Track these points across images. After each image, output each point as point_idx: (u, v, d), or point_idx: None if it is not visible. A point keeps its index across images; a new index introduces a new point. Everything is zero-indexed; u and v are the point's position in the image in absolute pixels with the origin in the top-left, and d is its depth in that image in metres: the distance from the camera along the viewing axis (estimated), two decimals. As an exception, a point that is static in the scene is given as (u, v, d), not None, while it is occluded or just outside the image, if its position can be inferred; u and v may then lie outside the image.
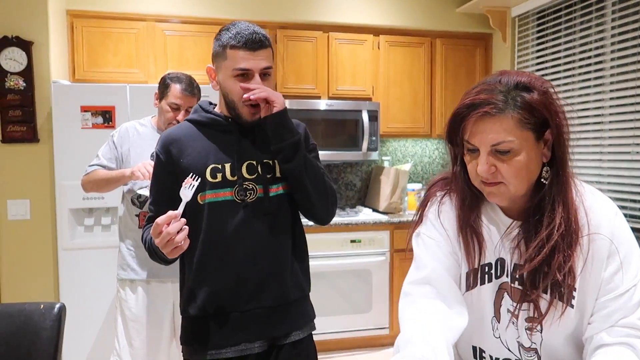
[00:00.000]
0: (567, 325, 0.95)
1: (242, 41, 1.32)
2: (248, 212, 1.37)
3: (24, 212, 2.81)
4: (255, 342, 1.39)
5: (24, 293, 2.83)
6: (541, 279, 0.93)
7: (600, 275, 0.94)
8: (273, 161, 1.42)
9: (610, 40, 2.90)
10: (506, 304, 0.98)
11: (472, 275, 1.00)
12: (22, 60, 2.77)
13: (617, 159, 2.87)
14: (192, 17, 3.30)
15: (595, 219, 0.95)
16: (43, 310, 1.35)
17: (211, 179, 1.37)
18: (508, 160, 0.90)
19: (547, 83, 0.94)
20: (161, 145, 1.42)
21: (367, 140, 3.50)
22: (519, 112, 0.89)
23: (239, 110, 1.37)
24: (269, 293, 1.39)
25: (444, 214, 1.04)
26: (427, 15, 3.73)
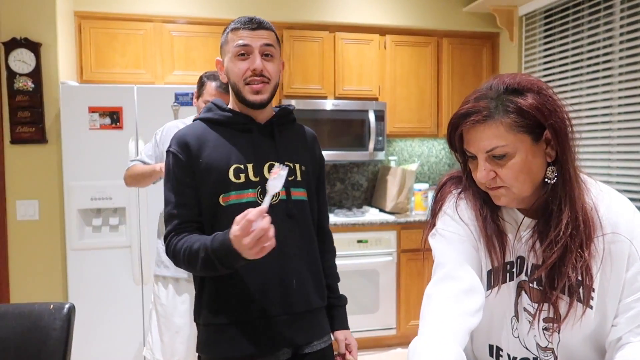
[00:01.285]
0: (586, 327, 0.94)
1: (242, 22, 1.34)
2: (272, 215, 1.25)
3: (32, 212, 2.83)
4: (281, 350, 1.34)
5: (33, 293, 2.85)
6: (558, 280, 0.92)
7: (622, 277, 0.92)
8: (294, 164, 1.38)
9: (618, 39, 2.87)
10: (523, 302, 0.98)
11: (494, 273, 0.99)
12: (31, 61, 2.79)
13: (626, 159, 2.85)
14: (199, 17, 3.31)
15: (612, 219, 0.94)
16: (52, 311, 1.35)
17: (235, 180, 1.31)
18: (505, 164, 0.91)
19: (540, 83, 0.93)
20: (177, 144, 1.34)
21: (374, 140, 3.49)
22: (510, 116, 0.89)
23: (242, 91, 1.33)
24: (294, 299, 1.34)
25: (462, 209, 1.03)
26: (433, 15, 3.72)
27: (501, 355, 1.04)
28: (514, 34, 3.64)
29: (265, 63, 1.32)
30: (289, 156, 1.38)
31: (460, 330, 0.88)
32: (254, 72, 1.31)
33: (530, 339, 0.99)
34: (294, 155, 1.40)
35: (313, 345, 1.39)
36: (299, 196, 1.38)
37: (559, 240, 0.91)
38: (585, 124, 3.12)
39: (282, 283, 1.33)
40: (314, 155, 1.48)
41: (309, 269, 1.39)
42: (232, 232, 1.13)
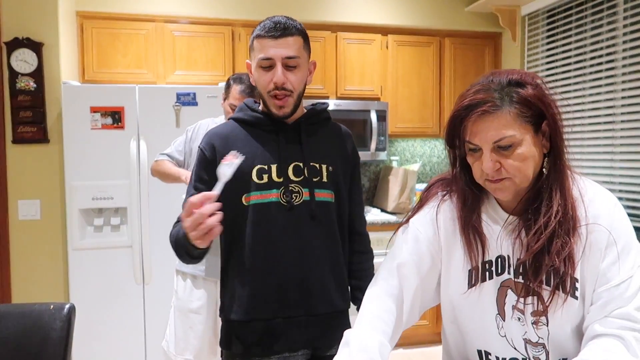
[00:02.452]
0: (572, 317, 0.96)
1: (266, 29, 1.31)
2: (294, 215, 1.33)
3: (34, 212, 2.83)
4: (299, 351, 1.35)
5: (34, 293, 2.85)
6: (541, 269, 0.94)
7: (598, 266, 0.95)
8: (320, 165, 1.37)
9: (622, 39, 2.86)
10: (510, 300, 0.99)
11: (474, 273, 1.02)
12: (33, 61, 2.79)
13: (629, 159, 2.84)
14: (200, 17, 3.31)
15: (594, 210, 0.96)
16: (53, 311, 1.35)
17: (257, 180, 1.32)
18: (511, 155, 0.93)
19: (537, 77, 0.97)
20: (206, 142, 1.38)
21: (376, 140, 3.48)
22: (515, 107, 0.92)
23: (267, 103, 1.34)
24: (314, 300, 1.34)
25: (442, 212, 1.07)
26: (435, 15, 3.71)
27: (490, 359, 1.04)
28: (516, 34, 3.63)
29: (287, 74, 1.31)
30: (315, 157, 1.38)
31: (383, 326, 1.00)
32: (275, 84, 1.30)
33: (518, 337, 0.99)
34: (320, 155, 1.39)
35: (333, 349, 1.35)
36: (324, 197, 1.37)
37: (549, 225, 0.94)
38: (588, 124, 3.11)
39: (302, 284, 1.33)
40: (346, 154, 1.46)
41: (331, 271, 1.38)
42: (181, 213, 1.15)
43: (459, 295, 1.04)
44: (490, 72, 0.99)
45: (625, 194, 2.86)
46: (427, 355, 3.35)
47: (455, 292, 1.05)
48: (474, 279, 1.02)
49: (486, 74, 0.99)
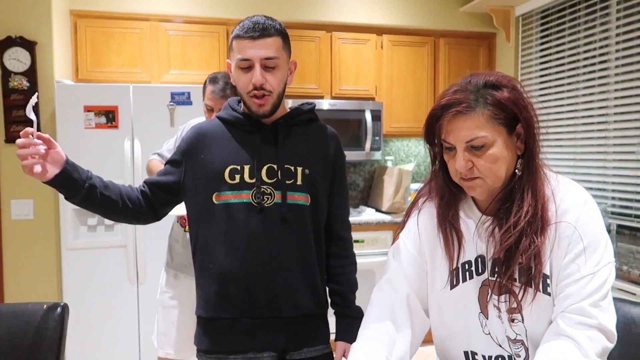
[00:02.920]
0: (546, 313, 0.97)
1: (244, 29, 1.30)
2: (264, 217, 1.32)
3: (27, 211, 2.81)
4: (264, 352, 1.34)
5: (28, 293, 2.84)
6: (511, 265, 0.97)
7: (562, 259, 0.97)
8: (295, 168, 1.36)
9: (615, 39, 2.88)
10: (492, 300, 1.02)
11: (455, 274, 1.05)
12: (26, 60, 2.78)
13: (621, 159, 2.86)
14: (195, 17, 3.30)
15: (563, 208, 0.98)
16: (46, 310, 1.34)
17: (229, 180, 1.32)
18: (483, 155, 0.96)
19: (514, 80, 1.00)
20: (189, 134, 1.41)
21: (370, 140, 3.49)
22: (489, 108, 0.95)
23: (247, 102, 1.34)
24: (281, 303, 1.34)
25: (422, 214, 1.12)
26: (430, 15, 3.72)
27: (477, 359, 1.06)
28: (510, 34, 3.64)
29: (266, 75, 1.31)
30: (290, 159, 1.36)
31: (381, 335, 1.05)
32: (254, 85, 1.30)
33: (501, 334, 1.02)
34: (297, 158, 1.37)
35: (302, 352, 1.38)
36: (297, 200, 1.36)
37: (518, 225, 0.96)
38: (581, 124, 3.12)
39: (268, 286, 1.33)
40: (327, 157, 1.44)
41: (302, 275, 1.37)
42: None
43: (442, 296, 1.06)
44: (470, 73, 1.02)
45: (618, 193, 2.88)
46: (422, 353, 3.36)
47: (439, 293, 1.07)
48: (455, 279, 1.05)
49: (466, 75, 1.02)
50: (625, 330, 1.29)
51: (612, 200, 2.92)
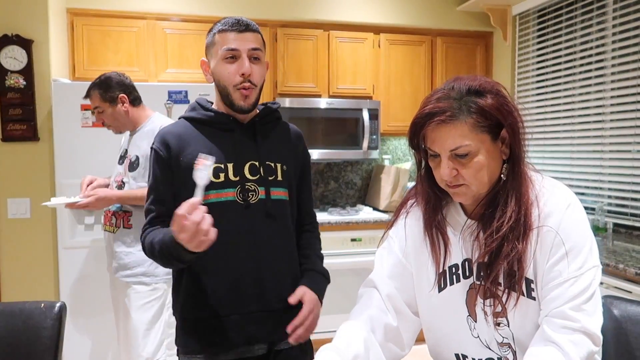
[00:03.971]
0: (532, 317, 0.97)
1: (229, 24, 1.33)
2: (250, 214, 1.35)
3: (24, 210, 2.81)
4: (255, 345, 1.37)
5: (24, 292, 2.83)
6: (494, 269, 0.97)
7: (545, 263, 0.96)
8: (275, 164, 1.39)
9: (611, 38, 2.89)
10: (479, 303, 1.02)
11: (442, 277, 1.05)
12: (22, 58, 2.77)
13: (618, 157, 2.87)
14: (192, 15, 3.29)
15: (546, 211, 0.97)
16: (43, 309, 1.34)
17: (214, 179, 1.32)
18: (467, 163, 0.96)
19: (498, 85, 0.99)
20: (159, 142, 1.37)
21: (368, 138, 3.49)
22: (472, 117, 0.94)
23: (231, 96, 1.34)
24: (269, 296, 1.37)
25: (410, 217, 1.12)
26: (427, 14, 3.72)
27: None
28: (507, 33, 3.65)
29: (252, 67, 1.33)
30: (270, 156, 1.39)
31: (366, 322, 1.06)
32: (242, 76, 1.32)
33: (490, 337, 1.02)
34: (275, 154, 1.41)
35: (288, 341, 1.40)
36: (279, 195, 1.39)
37: (500, 230, 0.96)
38: (577, 122, 3.13)
39: (257, 280, 1.35)
40: (297, 153, 1.48)
41: (286, 267, 1.41)
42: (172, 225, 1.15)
43: (431, 299, 1.07)
44: (453, 77, 1.02)
45: (614, 192, 2.89)
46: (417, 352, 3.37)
47: (427, 296, 1.08)
48: (442, 282, 1.06)
49: (450, 79, 1.01)
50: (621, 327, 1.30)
51: (609, 199, 2.93)
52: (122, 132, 2.30)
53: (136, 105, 2.25)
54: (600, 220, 2.85)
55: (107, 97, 2.20)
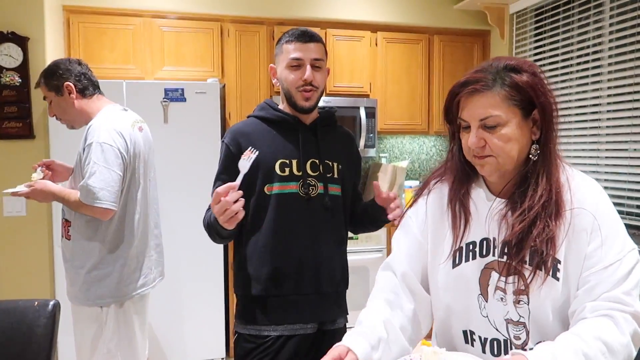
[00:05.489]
0: (553, 298, 0.98)
1: (295, 35, 1.52)
2: (310, 206, 1.51)
3: (19, 208, 2.80)
4: (309, 324, 1.53)
5: (20, 290, 2.82)
6: (524, 249, 0.98)
7: (583, 250, 0.97)
8: (332, 163, 1.57)
9: (608, 37, 2.89)
10: (493, 282, 1.02)
11: (458, 253, 1.06)
12: (18, 56, 2.76)
13: (614, 156, 2.87)
14: (189, 13, 3.29)
15: (579, 196, 0.99)
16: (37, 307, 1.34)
17: (280, 173, 1.50)
18: (496, 134, 0.98)
19: (535, 66, 1.01)
20: (231, 138, 1.54)
21: (365, 137, 3.49)
22: (506, 89, 0.97)
23: (294, 97, 1.52)
24: (324, 280, 1.53)
25: (432, 194, 1.14)
26: (424, 12, 3.72)
27: (474, 339, 1.07)
28: (504, 32, 3.65)
29: (314, 73, 1.51)
30: (328, 155, 1.57)
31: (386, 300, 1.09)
32: (305, 81, 1.50)
33: (500, 317, 1.03)
34: (333, 154, 1.58)
35: (336, 323, 1.60)
36: (334, 191, 1.57)
37: (533, 208, 0.97)
38: (574, 121, 3.14)
39: (314, 266, 1.52)
40: (351, 154, 1.68)
41: (338, 256, 1.59)
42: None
43: (444, 274, 1.08)
44: (493, 58, 1.05)
45: (612, 190, 2.89)
46: (415, 351, 3.37)
47: (441, 270, 1.08)
48: (457, 259, 1.06)
49: (490, 59, 1.04)
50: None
51: (605, 198, 2.94)
52: (75, 128, 2.07)
53: (87, 96, 1.98)
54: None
55: (52, 86, 1.95)
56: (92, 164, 1.80)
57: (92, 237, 1.89)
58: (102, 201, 1.77)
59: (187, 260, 2.96)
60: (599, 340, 0.90)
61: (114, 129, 1.87)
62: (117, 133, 1.87)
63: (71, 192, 1.88)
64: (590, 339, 0.90)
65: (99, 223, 1.88)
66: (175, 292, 2.95)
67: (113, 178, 1.81)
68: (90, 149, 1.82)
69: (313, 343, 1.55)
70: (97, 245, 1.89)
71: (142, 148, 2.00)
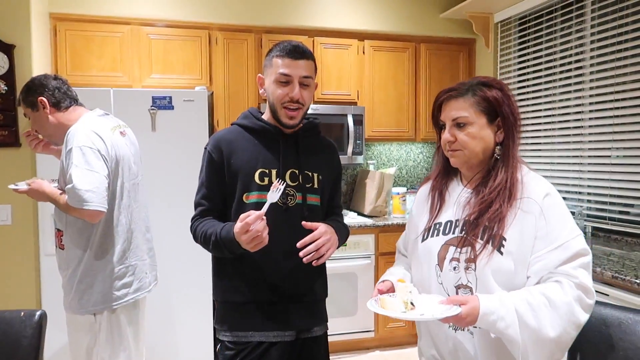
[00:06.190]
0: (495, 267, 1.19)
1: (286, 50, 1.50)
2: (288, 215, 1.52)
3: (5, 217, 2.77)
4: (287, 332, 1.53)
5: (5, 300, 2.79)
6: (478, 225, 1.22)
7: (529, 234, 1.18)
8: (312, 173, 1.58)
9: (589, 46, 2.96)
10: (450, 254, 1.26)
11: (428, 230, 1.34)
12: (4, 63, 2.74)
13: (597, 162, 2.93)
14: (177, 21, 3.29)
15: (529, 188, 1.23)
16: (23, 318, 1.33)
17: (259, 182, 1.51)
18: (464, 131, 1.26)
19: (504, 85, 1.28)
20: (213, 145, 1.55)
21: (352, 144, 3.52)
22: (475, 98, 1.26)
23: (278, 112, 1.52)
24: (301, 289, 1.55)
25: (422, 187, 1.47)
26: (411, 21, 3.77)
27: None
28: (489, 40, 3.71)
29: (302, 91, 1.51)
30: (308, 166, 1.58)
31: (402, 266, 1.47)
32: (291, 99, 1.50)
33: (450, 285, 1.26)
34: (314, 165, 1.59)
35: (313, 331, 1.60)
36: (313, 201, 1.58)
37: (491, 193, 1.23)
38: (558, 128, 3.19)
39: (291, 275, 1.52)
40: (332, 164, 1.68)
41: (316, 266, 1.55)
42: (235, 227, 1.37)
43: (417, 247, 1.35)
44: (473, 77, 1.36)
45: (593, 196, 2.95)
46: (404, 356, 3.39)
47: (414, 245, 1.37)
48: (426, 235, 1.33)
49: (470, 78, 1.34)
50: (597, 330, 1.33)
51: (588, 203, 2.99)
52: (58, 144, 2.01)
53: (61, 109, 1.96)
54: (579, 224, 2.90)
55: (28, 102, 1.96)
56: (74, 167, 1.79)
57: (85, 245, 1.90)
58: (89, 203, 1.77)
59: (175, 267, 2.95)
60: (543, 295, 1.12)
61: (92, 131, 1.87)
62: (96, 135, 1.87)
63: (62, 195, 1.89)
64: (536, 293, 1.13)
65: (90, 231, 1.88)
66: (164, 299, 2.93)
67: (98, 179, 1.81)
68: (70, 154, 1.82)
69: (294, 351, 1.56)
70: (87, 252, 1.90)
71: (125, 152, 2.00)
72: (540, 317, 1.10)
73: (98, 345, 1.94)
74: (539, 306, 1.10)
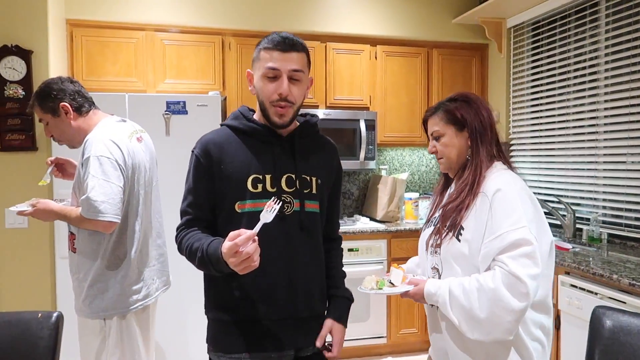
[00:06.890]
0: (453, 252, 1.39)
1: (274, 42, 1.36)
2: (285, 225, 1.38)
3: (21, 220, 2.81)
4: (284, 351, 1.40)
5: (22, 302, 2.83)
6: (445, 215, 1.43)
7: (484, 224, 1.33)
8: (310, 177, 1.44)
9: (604, 51, 2.93)
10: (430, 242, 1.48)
11: (427, 223, 1.56)
12: (22, 69, 2.79)
13: (612, 169, 2.89)
14: (191, 26, 3.33)
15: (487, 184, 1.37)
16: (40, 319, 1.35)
17: (252, 189, 1.37)
18: (440, 142, 1.50)
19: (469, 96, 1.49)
20: (201, 149, 1.41)
21: (365, 149, 3.51)
22: (442, 113, 1.49)
23: (268, 111, 1.38)
24: (299, 304, 1.41)
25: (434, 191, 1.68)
26: (423, 26, 3.77)
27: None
28: (502, 45, 3.69)
29: (291, 87, 1.36)
30: (306, 169, 1.44)
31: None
32: (280, 95, 1.35)
33: (429, 267, 1.49)
34: (311, 168, 1.45)
35: (310, 349, 1.45)
36: (312, 208, 1.44)
37: (457, 190, 1.43)
38: (572, 134, 3.16)
39: (289, 289, 1.39)
40: (331, 167, 1.53)
41: (315, 278, 1.46)
42: (223, 246, 1.21)
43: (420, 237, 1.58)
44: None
45: (609, 202, 2.91)
46: (416, 363, 3.36)
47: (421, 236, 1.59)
48: (425, 226, 1.56)
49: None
50: (614, 337, 1.31)
51: (603, 210, 2.95)
52: (75, 147, 2.01)
53: (83, 113, 1.97)
54: (595, 231, 2.87)
55: (48, 108, 1.93)
56: (91, 177, 1.79)
57: (96, 250, 1.90)
58: (104, 214, 1.77)
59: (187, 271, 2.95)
60: (477, 281, 1.30)
61: (110, 140, 1.87)
62: (114, 144, 1.87)
63: (72, 210, 1.89)
64: (472, 279, 1.32)
65: (102, 236, 1.89)
66: (176, 303, 2.95)
67: (113, 190, 1.81)
68: (88, 163, 1.82)
69: None
70: (99, 258, 1.90)
71: (141, 158, 2.00)
72: (472, 299, 1.29)
73: (107, 349, 1.94)
74: (472, 290, 1.30)
